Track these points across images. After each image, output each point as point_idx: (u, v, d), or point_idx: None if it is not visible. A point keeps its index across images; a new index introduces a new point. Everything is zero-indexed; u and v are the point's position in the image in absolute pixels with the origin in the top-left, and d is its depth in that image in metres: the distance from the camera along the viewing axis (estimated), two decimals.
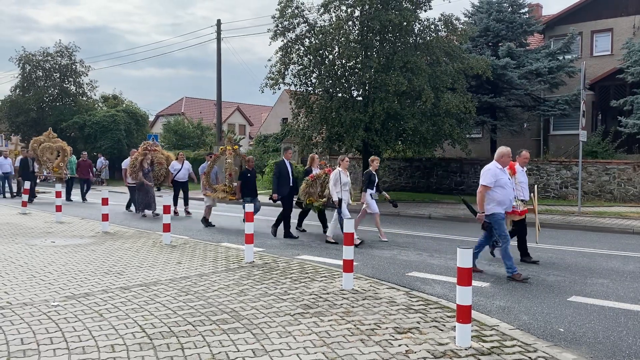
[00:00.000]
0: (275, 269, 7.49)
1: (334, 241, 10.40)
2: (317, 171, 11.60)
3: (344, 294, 6.13)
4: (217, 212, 14.47)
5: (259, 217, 12.26)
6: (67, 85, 39.68)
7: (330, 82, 19.84)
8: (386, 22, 18.27)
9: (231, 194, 12.39)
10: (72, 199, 19.74)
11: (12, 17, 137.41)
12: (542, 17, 26.99)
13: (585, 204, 17.20)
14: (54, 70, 38.79)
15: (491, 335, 4.84)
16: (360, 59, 19.27)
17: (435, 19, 19.90)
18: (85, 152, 22.19)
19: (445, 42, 19.55)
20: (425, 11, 20.10)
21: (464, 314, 4.48)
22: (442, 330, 4.93)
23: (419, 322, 5.13)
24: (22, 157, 19.80)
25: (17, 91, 38.74)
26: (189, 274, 7.18)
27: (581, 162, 16.35)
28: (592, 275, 7.71)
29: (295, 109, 21.40)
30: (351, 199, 10.74)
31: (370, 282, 6.80)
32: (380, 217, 10.94)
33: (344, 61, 19.84)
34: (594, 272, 7.88)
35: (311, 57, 19.87)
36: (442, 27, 19.91)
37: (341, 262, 6.55)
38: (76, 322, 5.05)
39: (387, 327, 4.96)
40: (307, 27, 20.13)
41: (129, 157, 16.26)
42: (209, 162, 13.22)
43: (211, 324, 5.00)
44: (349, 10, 19.62)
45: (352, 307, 5.62)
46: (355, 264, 7.18)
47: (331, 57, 19.91)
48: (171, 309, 5.48)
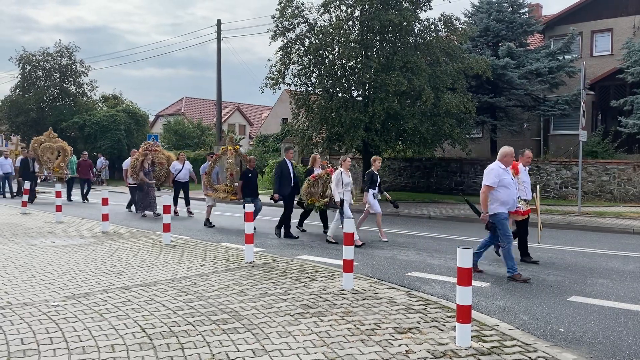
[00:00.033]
0: (275, 269, 7.49)
1: (334, 241, 10.40)
2: (318, 171, 11.60)
3: (344, 294, 6.14)
4: (218, 212, 14.46)
5: (260, 217, 12.26)
6: (67, 85, 39.68)
7: (330, 82, 19.85)
8: (386, 22, 18.28)
9: (232, 194, 12.40)
10: (73, 199, 19.75)
11: (12, 17, 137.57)
12: (542, 17, 26.99)
13: (585, 204, 17.20)
14: (54, 70, 38.79)
15: (491, 335, 4.84)
16: (360, 59, 19.27)
17: (435, 19, 19.93)
18: (85, 152, 22.18)
19: (445, 42, 19.56)
20: (425, 11, 20.13)
21: (464, 314, 4.48)
22: (442, 330, 4.93)
23: (419, 322, 5.13)
24: (22, 157, 19.80)
25: (17, 91, 38.74)
26: (189, 274, 7.19)
27: (581, 162, 16.35)
28: (592, 275, 7.71)
29: (295, 109, 21.41)
30: (353, 199, 10.74)
31: (370, 282, 6.80)
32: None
33: (344, 61, 19.85)
34: (594, 272, 7.88)
35: (311, 57, 19.88)
36: (442, 27, 19.92)
37: (341, 262, 6.55)
38: (76, 322, 5.06)
39: (387, 327, 4.96)
40: (307, 27, 20.14)
41: (130, 157, 16.25)
42: (210, 162, 13.23)
43: (211, 324, 5.01)
44: (349, 10, 19.63)
45: (352, 307, 5.62)
46: (355, 264, 7.18)
47: (331, 57, 19.92)
48: (171, 309, 5.48)
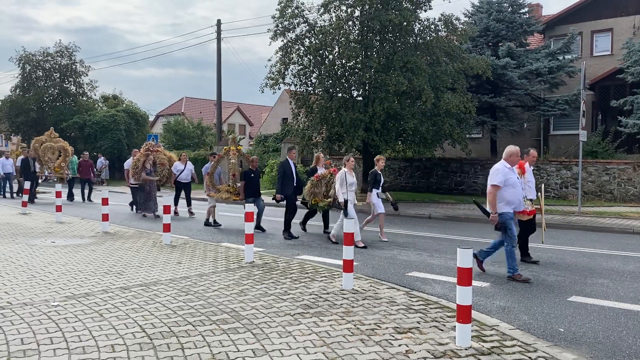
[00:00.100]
0: (275, 269, 7.49)
1: (335, 241, 10.40)
2: (322, 170, 11.58)
3: (344, 294, 6.14)
4: (218, 212, 14.43)
5: (262, 217, 12.24)
6: (67, 85, 39.70)
7: (330, 82, 19.85)
8: (386, 22, 18.29)
9: (235, 195, 12.39)
10: (73, 198, 19.75)
11: (12, 17, 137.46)
12: (542, 17, 26.99)
13: (585, 204, 17.20)
14: (54, 70, 38.81)
15: (491, 335, 4.84)
16: (360, 59, 19.28)
17: (435, 19, 19.96)
18: (86, 152, 22.19)
19: (445, 42, 19.57)
20: (425, 11, 20.15)
21: (464, 314, 4.48)
22: (442, 330, 4.93)
23: (419, 322, 5.13)
24: (23, 157, 19.80)
25: (17, 91, 38.76)
26: (189, 274, 7.19)
27: (581, 162, 16.35)
28: (592, 275, 7.71)
29: (295, 109, 21.41)
30: (356, 200, 10.73)
31: (370, 282, 6.80)
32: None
33: (344, 61, 19.86)
34: (594, 272, 7.88)
35: (311, 57, 19.89)
36: (442, 27, 19.93)
37: (341, 262, 6.55)
38: (76, 322, 5.06)
39: (387, 327, 4.96)
40: (307, 27, 20.15)
41: (131, 157, 16.22)
42: (213, 162, 13.20)
43: (211, 324, 5.00)
44: (349, 10, 19.64)
45: (352, 307, 5.62)
46: (355, 264, 7.18)
47: (331, 57, 19.93)
48: (171, 309, 5.48)
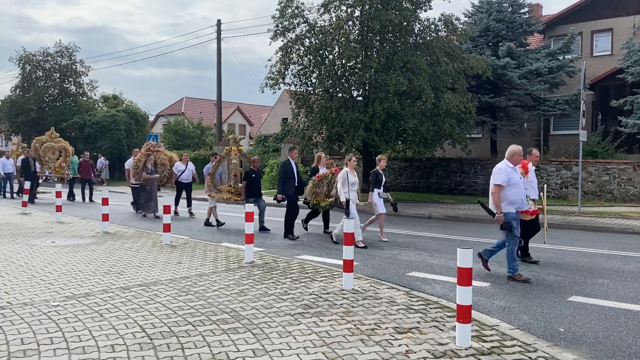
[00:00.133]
0: (275, 269, 7.49)
1: (336, 240, 10.40)
2: (323, 170, 11.58)
3: (344, 294, 6.14)
4: (218, 212, 14.41)
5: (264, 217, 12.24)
6: (67, 85, 39.70)
7: (330, 82, 19.85)
8: (386, 22, 18.29)
9: (236, 195, 12.39)
10: (72, 198, 19.75)
11: (12, 17, 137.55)
12: (542, 17, 26.99)
13: (585, 204, 17.20)
14: (54, 70, 38.81)
15: (491, 335, 4.84)
16: (360, 59, 19.28)
17: (435, 19, 19.96)
18: (87, 152, 22.19)
19: (445, 42, 19.57)
20: (425, 11, 20.15)
21: (464, 314, 4.48)
22: (442, 330, 4.93)
23: (419, 322, 5.13)
24: (23, 157, 19.80)
25: (17, 91, 38.77)
26: (189, 274, 7.19)
27: (581, 162, 16.34)
28: (592, 275, 7.71)
29: (295, 109, 21.41)
30: (358, 199, 10.72)
31: (370, 282, 6.80)
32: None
33: (344, 61, 19.86)
34: (594, 272, 7.88)
35: (311, 57, 19.89)
36: (442, 27, 19.93)
37: (341, 262, 6.55)
38: (76, 322, 5.06)
39: (387, 327, 4.96)
40: (307, 27, 20.15)
41: (132, 157, 16.20)
42: (214, 162, 13.19)
43: (211, 324, 5.01)
44: (349, 10, 19.64)
45: (352, 307, 5.62)
46: (355, 264, 7.18)
47: (331, 57, 19.93)
48: (171, 309, 5.48)
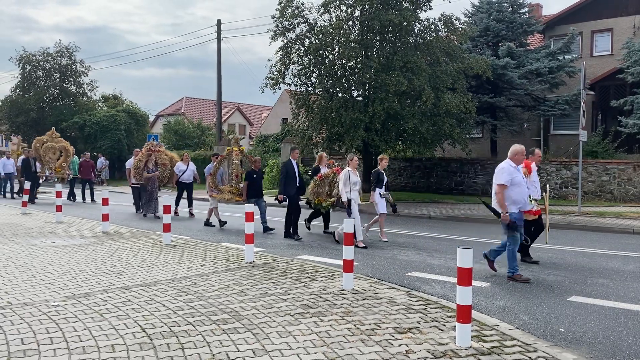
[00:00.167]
0: (275, 269, 7.49)
1: (338, 240, 10.41)
2: (325, 170, 11.58)
3: (344, 294, 6.14)
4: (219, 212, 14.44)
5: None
6: (67, 85, 39.70)
7: (330, 82, 19.85)
8: (386, 22, 18.29)
9: (237, 195, 12.38)
10: (73, 199, 19.76)
11: (12, 17, 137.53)
12: (542, 17, 26.99)
13: (585, 204, 17.20)
14: (54, 70, 38.80)
15: (491, 335, 4.84)
16: (360, 59, 19.28)
17: (435, 19, 19.96)
18: (87, 152, 22.19)
19: (445, 42, 19.57)
20: (425, 11, 20.15)
21: (464, 314, 4.48)
22: (442, 330, 4.93)
23: (419, 322, 5.13)
24: (24, 157, 19.80)
25: (17, 91, 38.76)
26: (189, 274, 7.19)
27: (581, 162, 16.34)
28: (592, 275, 7.71)
29: (295, 109, 21.41)
30: (360, 199, 10.72)
31: (370, 282, 6.80)
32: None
33: (344, 61, 19.86)
34: (594, 272, 7.88)
35: (311, 57, 19.89)
36: (442, 27, 19.93)
37: (341, 262, 6.55)
38: (76, 322, 5.06)
39: (387, 327, 4.96)
40: (307, 27, 20.15)
41: (133, 157, 16.19)
42: (215, 163, 13.18)
43: (211, 324, 5.01)
44: (349, 10, 19.64)
45: (352, 307, 5.62)
46: (355, 264, 7.18)
47: (331, 57, 19.93)
48: (171, 309, 5.48)
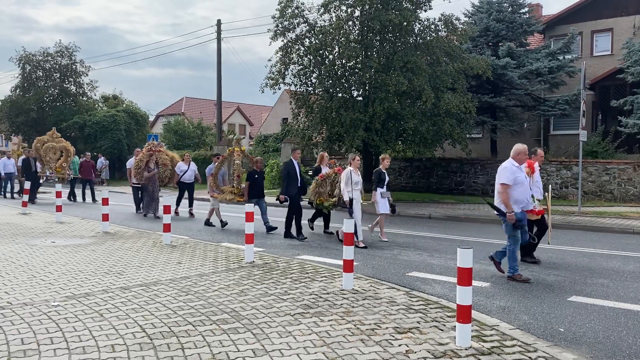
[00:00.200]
0: (275, 269, 7.50)
1: (341, 239, 10.40)
2: (326, 169, 11.56)
3: (344, 294, 6.14)
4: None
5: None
6: (68, 85, 39.68)
7: (330, 82, 19.85)
8: (386, 22, 18.28)
9: (239, 195, 12.38)
10: (73, 198, 19.76)
11: (12, 17, 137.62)
12: (542, 17, 26.98)
13: (585, 204, 17.19)
14: (54, 70, 38.78)
15: (491, 335, 4.84)
16: (360, 59, 19.28)
17: (435, 19, 19.96)
18: (88, 152, 22.20)
19: (445, 42, 19.57)
20: (425, 11, 20.15)
21: (464, 314, 4.48)
22: (442, 330, 4.93)
23: (419, 322, 5.14)
24: (24, 157, 19.80)
25: (17, 91, 38.73)
26: (189, 274, 7.19)
27: (581, 162, 16.34)
28: (592, 275, 7.71)
29: (295, 109, 21.41)
30: (362, 198, 10.72)
31: (370, 282, 6.80)
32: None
33: (344, 61, 19.86)
34: (594, 272, 7.88)
35: (311, 57, 19.89)
36: (442, 27, 19.93)
37: (341, 262, 6.55)
38: (76, 322, 5.06)
39: (387, 327, 4.97)
40: (307, 27, 20.15)
41: (133, 157, 16.19)
42: (217, 163, 13.16)
43: (211, 324, 5.01)
44: (349, 10, 19.63)
45: (352, 307, 5.62)
46: (355, 264, 7.18)
47: (331, 57, 19.93)
48: (171, 309, 5.48)
